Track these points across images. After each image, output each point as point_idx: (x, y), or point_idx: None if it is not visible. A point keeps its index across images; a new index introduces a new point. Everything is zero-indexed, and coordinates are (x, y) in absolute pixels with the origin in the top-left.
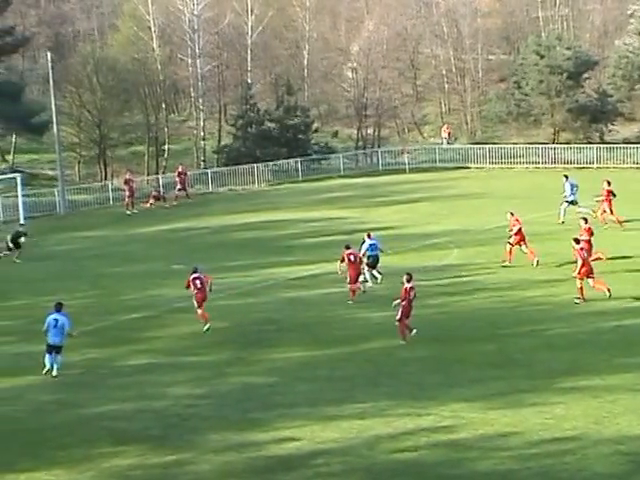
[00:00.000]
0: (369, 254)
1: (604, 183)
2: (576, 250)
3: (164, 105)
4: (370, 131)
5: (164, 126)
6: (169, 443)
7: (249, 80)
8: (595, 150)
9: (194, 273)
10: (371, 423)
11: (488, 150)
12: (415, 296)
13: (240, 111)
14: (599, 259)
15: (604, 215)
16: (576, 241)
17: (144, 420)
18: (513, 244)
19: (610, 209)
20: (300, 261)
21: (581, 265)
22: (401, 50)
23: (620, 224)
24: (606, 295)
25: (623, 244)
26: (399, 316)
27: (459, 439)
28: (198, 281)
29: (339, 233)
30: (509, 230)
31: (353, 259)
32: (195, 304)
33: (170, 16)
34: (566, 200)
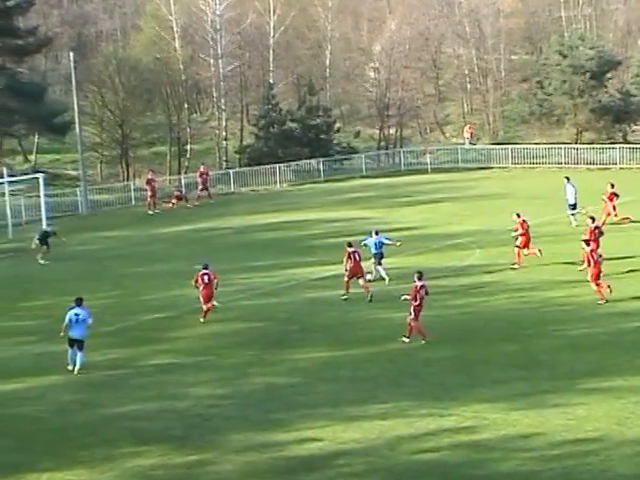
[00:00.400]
0: (374, 251)
1: (608, 186)
2: (586, 252)
3: (186, 105)
4: (392, 131)
5: (186, 126)
6: (191, 443)
7: (271, 80)
8: (618, 150)
9: (204, 269)
10: (393, 423)
11: (510, 150)
12: (427, 293)
13: (262, 111)
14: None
15: (608, 217)
16: (586, 243)
17: (166, 420)
18: (520, 246)
19: (613, 208)
20: (322, 261)
21: (591, 266)
22: (423, 50)
23: (624, 220)
24: (601, 301)
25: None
26: (413, 316)
27: (481, 440)
28: (206, 277)
29: (361, 233)
30: (515, 230)
31: (358, 258)
32: (201, 300)
33: (192, 16)
34: (569, 204)
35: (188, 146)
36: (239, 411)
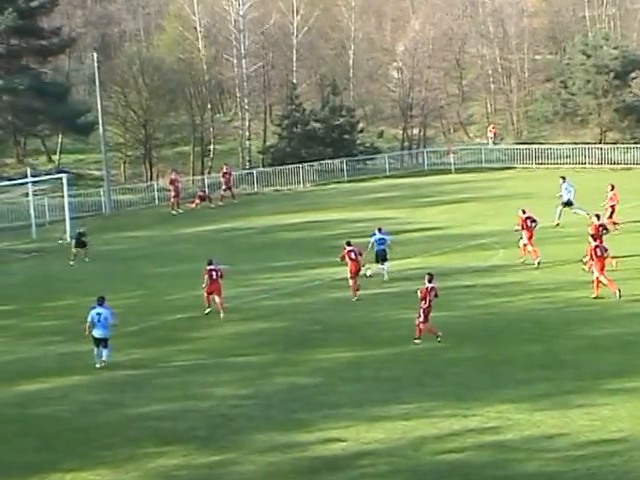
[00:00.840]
0: (376, 248)
1: (608, 187)
2: (591, 247)
3: (209, 105)
4: (416, 131)
5: (209, 126)
6: (214, 443)
7: (294, 80)
8: None
9: (209, 265)
10: (417, 424)
11: (534, 150)
12: (436, 296)
13: (285, 111)
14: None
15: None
16: (593, 237)
17: (189, 420)
18: (526, 243)
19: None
20: (346, 262)
21: (594, 260)
22: (447, 50)
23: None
24: (592, 296)
25: None
26: (421, 318)
27: (505, 440)
28: (214, 272)
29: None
30: (517, 225)
31: (354, 256)
32: (204, 292)
33: (216, 16)
34: (562, 202)
35: (211, 146)
36: (262, 411)
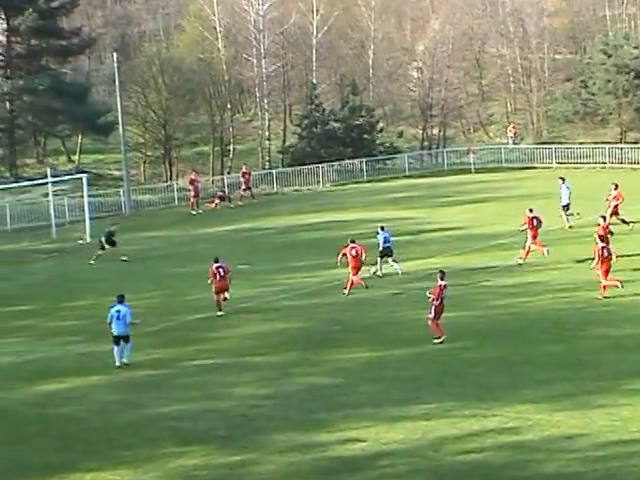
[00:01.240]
0: (383, 245)
1: (611, 186)
2: (598, 248)
3: (229, 105)
4: (435, 131)
5: (229, 126)
6: (234, 443)
7: (314, 80)
8: None
9: (216, 263)
10: (436, 424)
11: (554, 150)
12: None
13: (305, 111)
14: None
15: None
16: (601, 238)
17: (209, 420)
18: (532, 242)
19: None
20: (365, 261)
21: (600, 262)
22: (467, 49)
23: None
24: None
25: None
26: (432, 315)
27: (525, 441)
28: (221, 270)
29: (404, 233)
30: (524, 224)
31: (355, 254)
32: (213, 290)
33: (235, 16)
34: (563, 205)
35: (231, 146)
36: (282, 411)
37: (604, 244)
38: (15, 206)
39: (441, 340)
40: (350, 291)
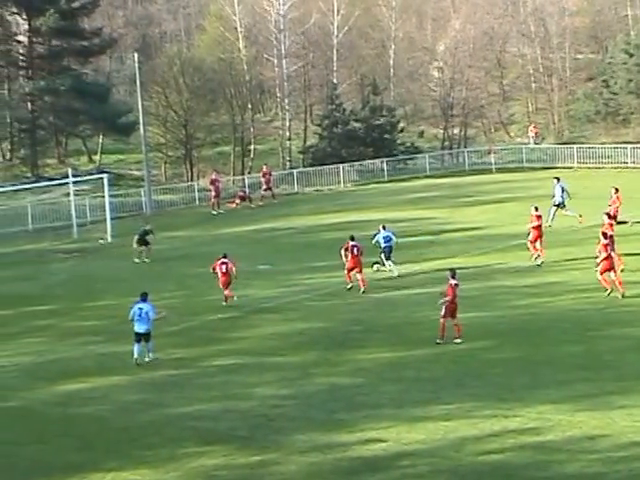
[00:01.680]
0: (384, 245)
1: (611, 190)
2: (602, 244)
3: (250, 105)
4: (456, 131)
5: (250, 126)
6: (255, 443)
7: (335, 80)
8: None
9: (223, 258)
10: (457, 424)
11: (576, 150)
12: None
13: (326, 111)
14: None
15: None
16: (604, 235)
17: (230, 420)
18: (532, 241)
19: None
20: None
21: (604, 259)
22: (488, 49)
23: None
24: (605, 293)
25: None
26: (444, 313)
27: (546, 441)
28: (224, 266)
29: (425, 233)
30: (532, 222)
31: (357, 252)
32: (220, 286)
33: (256, 16)
34: (554, 203)
35: (252, 146)
36: (303, 411)
37: (608, 241)
38: (37, 206)
39: (438, 342)
40: (366, 287)
